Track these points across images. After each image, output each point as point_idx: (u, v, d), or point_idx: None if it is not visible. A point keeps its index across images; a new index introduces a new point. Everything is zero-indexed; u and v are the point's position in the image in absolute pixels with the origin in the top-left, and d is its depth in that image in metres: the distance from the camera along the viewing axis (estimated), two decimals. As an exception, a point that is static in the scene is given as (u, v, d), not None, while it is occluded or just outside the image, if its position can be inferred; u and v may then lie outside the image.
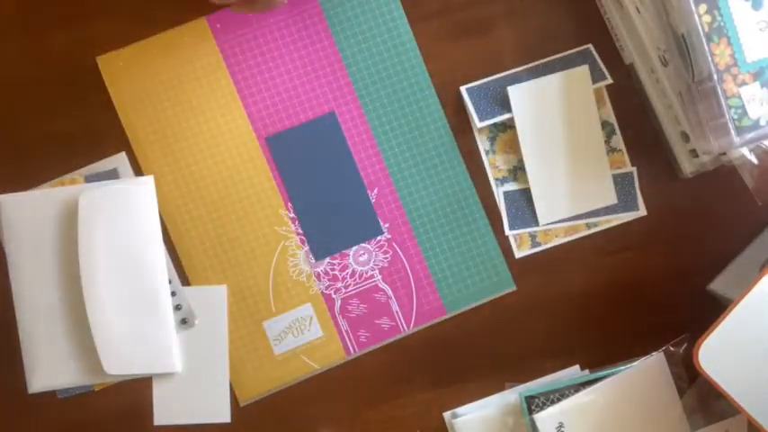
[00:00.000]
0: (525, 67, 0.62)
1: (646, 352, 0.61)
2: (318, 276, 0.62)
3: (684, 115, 0.59)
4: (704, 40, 0.53)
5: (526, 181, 0.62)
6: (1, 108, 0.61)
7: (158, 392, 0.61)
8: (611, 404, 0.60)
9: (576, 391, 0.60)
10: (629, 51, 0.62)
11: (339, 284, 0.62)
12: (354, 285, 0.62)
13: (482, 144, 0.63)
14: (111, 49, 0.61)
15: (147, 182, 0.60)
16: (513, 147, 0.63)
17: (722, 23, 0.53)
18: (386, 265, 0.62)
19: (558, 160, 0.62)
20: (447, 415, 0.63)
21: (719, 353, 0.52)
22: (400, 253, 0.62)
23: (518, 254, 0.63)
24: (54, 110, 0.62)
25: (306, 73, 0.62)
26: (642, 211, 0.63)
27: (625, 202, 0.62)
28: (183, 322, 0.61)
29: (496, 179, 0.63)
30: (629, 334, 0.63)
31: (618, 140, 0.63)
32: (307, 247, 0.62)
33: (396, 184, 0.62)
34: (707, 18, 0.53)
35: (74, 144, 0.61)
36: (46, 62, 0.61)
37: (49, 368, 0.60)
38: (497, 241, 0.62)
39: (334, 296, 0.62)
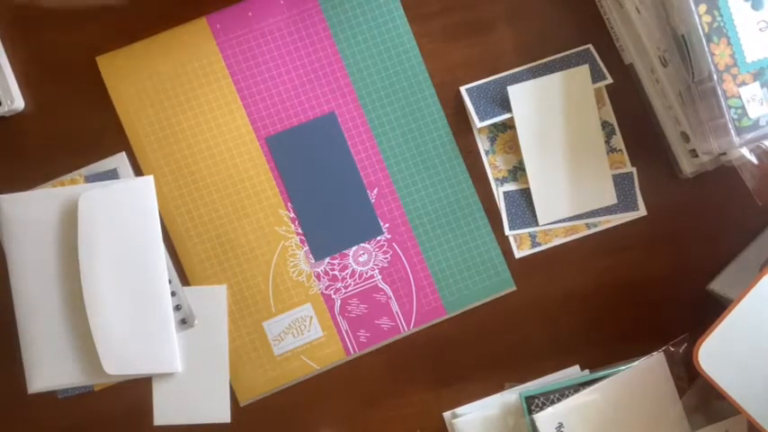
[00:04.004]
0: (525, 67, 0.62)
1: (646, 352, 0.61)
2: (318, 276, 0.62)
3: (684, 115, 0.59)
4: (704, 41, 0.53)
5: (526, 181, 0.62)
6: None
7: (158, 392, 0.61)
8: (611, 404, 0.60)
9: (576, 391, 0.60)
10: (629, 51, 0.62)
11: (339, 284, 0.62)
12: (354, 285, 0.62)
13: (482, 144, 0.63)
14: (111, 49, 0.61)
15: (147, 182, 0.61)
16: (513, 147, 0.63)
17: (722, 24, 0.53)
18: (386, 265, 0.62)
19: (558, 160, 0.62)
20: (447, 415, 0.63)
21: (719, 353, 0.52)
22: (400, 253, 0.62)
23: (518, 254, 0.63)
24: (54, 110, 0.62)
25: (306, 73, 0.62)
26: (642, 211, 0.63)
27: (625, 202, 0.62)
28: (183, 322, 0.61)
29: (496, 179, 0.63)
30: (629, 334, 0.63)
31: (618, 140, 0.63)
32: (307, 248, 0.62)
33: (396, 185, 0.62)
34: (707, 18, 0.53)
35: (74, 144, 0.61)
36: (46, 62, 0.62)
37: (49, 368, 0.60)
38: (497, 241, 0.63)
39: (333, 296, 0.62)
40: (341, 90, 0.62)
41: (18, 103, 0.61)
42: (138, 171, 0.62)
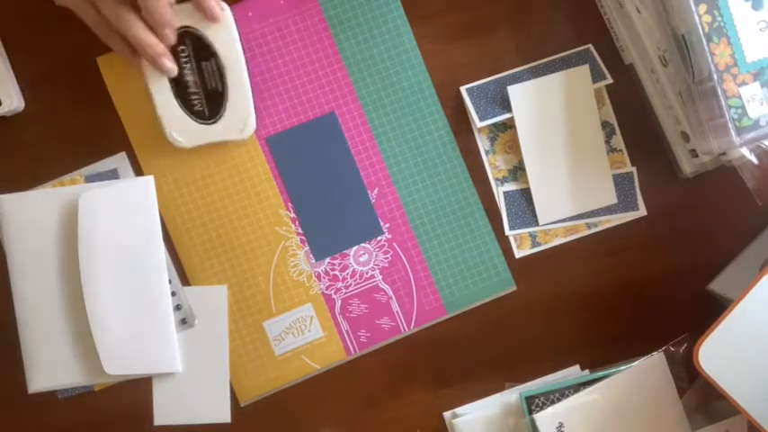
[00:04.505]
0: (525, 67, 0.62)
1: (646, 352, 0.61)
2: (319, 276, 0.62)
3: (684, 115, 0.59)
4: (704, 41, 0.53)
5: (526, 181, 0.62)
6: (1, 108, 0.61)
7: (158, 392, 0.61)
8: (611, 404, 0.60)
9: (576, 391, 0.60)
10: (629, 51, 0.62)
11: (339, 284, 0.62)
12: (355, 285, 0.62)
13: (482, 144, 0.63)
14: (111, 49, 0.61)
15: (147, 182, 0.60)
16: (513, 147, 0.63)
17: (722, 24, 0.53)
18: (386, 265, 0.62)
19: (558, 160, 0.62)
20: (447, 415, 0.63)
21: (719, 353, 0.52)
22: (400, 253, 0.62)
23: (518, 254, 0.63)
24: (54, 110, 0.62)
25: (306, 73, 0.62)
26: (642, 211, 0.63)
27: (625, 202, 0.62)
28: (183, 322, 0.61)
29: (496, 179, 0.63)
30: (629, 334, 0.63)
31: (618, 140, 0.63)
32: (307, 248, 0.62)
33: (396, 184, 0.62)
34: (707, 18, 0.53)
35: (74, 144, 0.61)
36: (46, 62, 0.61)
37: (49, 368, 0.60)
38: (497, 241, 0.63)
39: (334, 296, 0.62)
40: (341, 90, 0.62)
41: (18, 103, 0.61)
42: (139, 171, 0.62)
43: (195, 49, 0.57)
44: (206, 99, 0.58)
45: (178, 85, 0.58)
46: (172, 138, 0.58)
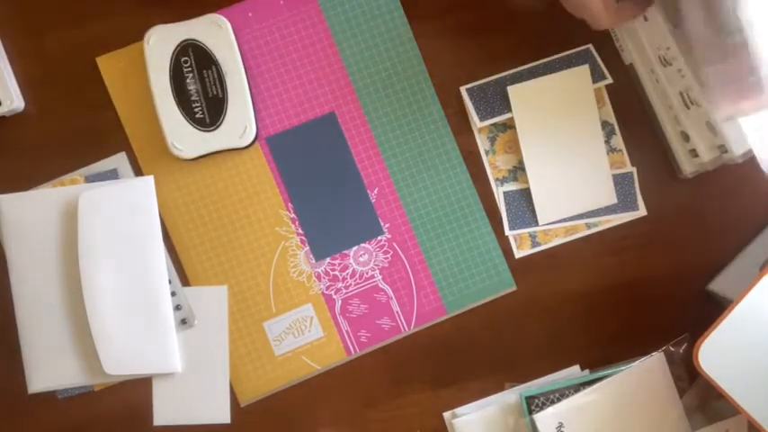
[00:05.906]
0: (525, 67, 0.62)
1: (646, 352, 0.61)
2: (319, 277, 0.62)
3: (685, 116, 0.58)
4: None
5: (526, 181, 0.62)
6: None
7: (158, 392, 0.61)
8: (611, 404, 0.60)
9: (576, 391, 0.60)
10: (629, 51, 0.62)
11: (339, 285, 0.62)
12: (355, 285, 0.62)
13: (482, 144, 0.63)
14: (111, 49, 0.61)
15: (147, 182, 0.60)
16: (513, 147, 0.63)
17: None
18: (386, 265, 0.62)
19: (557, 160, 0.62)
20: (447, 415, 0.63)
21: (719, 353, 0.52)
22: (400, 253, 0.62)
23: (518, 254, 0.63)
24: (54, 110, 0.62)
25: (306, 73, 0.62)
26: (642, 211, 0.63)
27: (625, 202, 0.62)
28: (183, 322, 0.61)
29: (496, 179, 0.63)
30: (629, 334, 0.63)
31: (618, 140, 0.63)
32: (307, 248, 0.62)
33: (396, 185, 0.62)
34: None
35: (74, 144, 0.61)
36: (46, 62, 0.61)
37: (49, 368, 0.60)
38: (497, 241, 0.63)
39: (334, 296, 0.62)
40: (341, 90, 0.62)
41: (18, 103, 0.61)
42: (138, 171, 0.62)
43: (197, 58, 0.59)
44: (207, 106, 0.59)
45: (181, 95, 0.59)
46: (174, 148, 0.59)
